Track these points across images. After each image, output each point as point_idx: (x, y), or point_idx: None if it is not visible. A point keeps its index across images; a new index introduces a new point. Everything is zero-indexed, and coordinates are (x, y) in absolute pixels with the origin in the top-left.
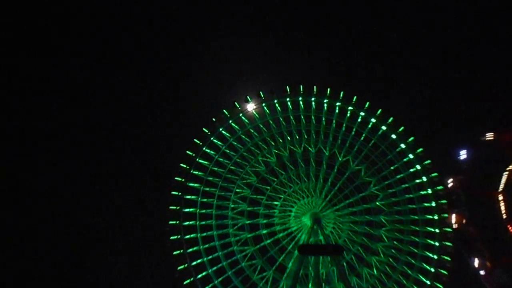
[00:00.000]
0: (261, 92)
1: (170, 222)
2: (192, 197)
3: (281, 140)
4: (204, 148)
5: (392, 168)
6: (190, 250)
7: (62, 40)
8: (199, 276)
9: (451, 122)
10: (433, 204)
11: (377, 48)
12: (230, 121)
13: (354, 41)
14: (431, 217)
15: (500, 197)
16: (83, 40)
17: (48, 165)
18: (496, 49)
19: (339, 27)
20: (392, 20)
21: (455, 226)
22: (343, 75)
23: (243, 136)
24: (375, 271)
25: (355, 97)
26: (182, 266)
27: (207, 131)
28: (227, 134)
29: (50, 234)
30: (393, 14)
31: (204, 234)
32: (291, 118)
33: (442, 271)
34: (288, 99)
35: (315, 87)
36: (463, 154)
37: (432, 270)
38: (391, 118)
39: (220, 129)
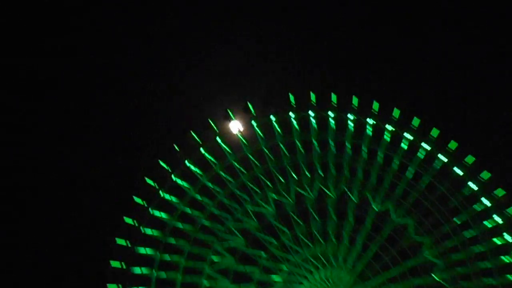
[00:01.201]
0: (249, 104)
1: None
2: (144, 271)
3: (282, 180)
4: (161, 194)
5: (457, 221)
6: None
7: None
8: None
9: None
10: None
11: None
12: (202, 150)
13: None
14: None
15: None
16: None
17: None
18: None
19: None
20: None
21: None
22: (368, 79)
23: (223, 174)
24: None
25: (396, 111)
26: None
27: (166, 167)
28: (197, 170)
29: None
30: None
31: None
32: (298, 144)
33: None
34: (292, 114)
35: (333, 95)
36: None
37: None
38: (455, 144)
39: (187, 163)
